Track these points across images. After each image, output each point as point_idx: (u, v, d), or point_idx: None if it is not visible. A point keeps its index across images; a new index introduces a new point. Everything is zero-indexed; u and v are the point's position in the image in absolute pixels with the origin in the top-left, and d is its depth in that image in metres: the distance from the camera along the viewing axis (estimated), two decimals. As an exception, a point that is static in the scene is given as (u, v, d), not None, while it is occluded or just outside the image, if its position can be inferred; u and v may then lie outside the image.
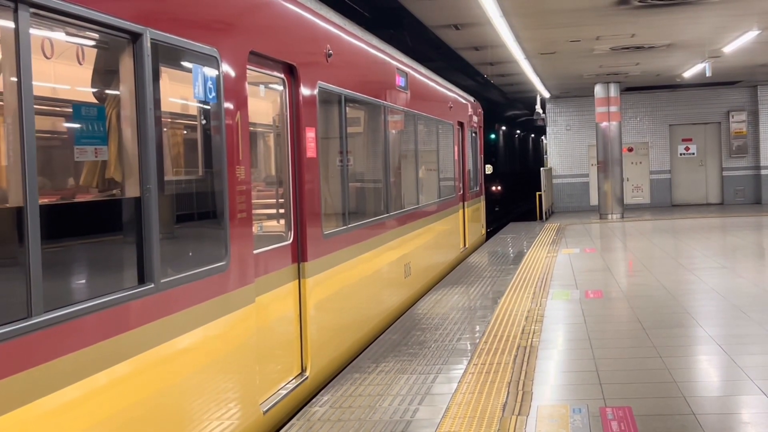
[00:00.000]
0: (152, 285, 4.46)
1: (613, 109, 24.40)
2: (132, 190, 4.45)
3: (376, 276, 9.35)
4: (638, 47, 17.74)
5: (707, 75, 19.91)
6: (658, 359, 7.38)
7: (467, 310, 10.16)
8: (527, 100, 32.86)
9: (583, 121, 28.67)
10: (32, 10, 3.59)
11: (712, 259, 14.36)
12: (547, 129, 29.69)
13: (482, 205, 19.80)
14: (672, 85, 26.84)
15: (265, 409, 5.89)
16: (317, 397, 6.56)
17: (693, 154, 28.66)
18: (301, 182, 6.91)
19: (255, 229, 5.99)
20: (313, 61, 7.33)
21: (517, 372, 7.03)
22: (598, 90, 24.47)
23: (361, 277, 8.64)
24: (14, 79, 3.51)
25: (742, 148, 28.21)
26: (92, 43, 4.31)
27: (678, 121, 28.55)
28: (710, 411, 5.94)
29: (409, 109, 11.56)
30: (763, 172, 27.97)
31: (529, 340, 8.25)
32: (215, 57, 5.27)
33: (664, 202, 28.67)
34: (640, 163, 28.74)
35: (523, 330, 8.76)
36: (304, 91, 6.98)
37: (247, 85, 5.81)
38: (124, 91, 4.42)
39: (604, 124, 24.43)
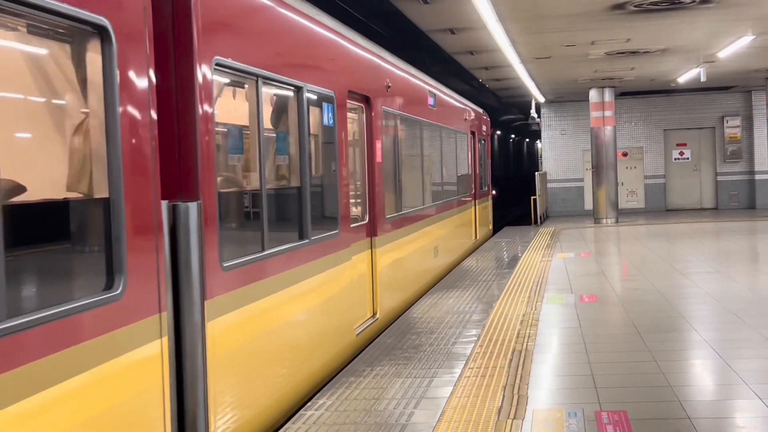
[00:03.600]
0: (307, 240, 7.04)
1: (608, 113, 24.44)
2: (294, 183, 7.10)
3: (417, 252, 12.10)
4: (633, 52, 17.78)
5: (702, 80, 19.99)
6: (653, 363, 7.39)
7: (462, 314, 10.16)
8: (522, 104, 32.91)
9: (577, 126, 28.72)
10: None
11: (706, 264, 14.38)
12: (542, 133, 29.73)
13: (490, 203, 22.41)
14: (667, 90, 26.90)
15: (357, 333, 8.54)
16: (312, 400, 6.55)
17: (687, 159, 28.72)
18: (372, 179, 9.56)
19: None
20: (379, 92, 9.95)
21: (513, 376, 7.03)
22: (593, 95, 24.51)
23: (408, 252, 11.39)
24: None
25: (736, 153, 28.27)
26: (276, 92, 6.80)
27: (672, 125, 28.61)
28: (705, 415, 5.94)
29: (436, 122, 14.22)
30: (757, 177, 28.03)
31: (525, 344, 8.25)
32: (333, 96, 7.93)
33: (659, 207, 28.71)
34: (635, 167, 28.79)
35: (518, 334, 8.77)
36: (374, 114, 9.64)
37: (346, 111, 8.45)
38: (292, 120, 7.00)
39: (599, 128, 24.47)
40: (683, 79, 22.94)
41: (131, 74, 4.31)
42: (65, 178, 4.24)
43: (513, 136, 60.74)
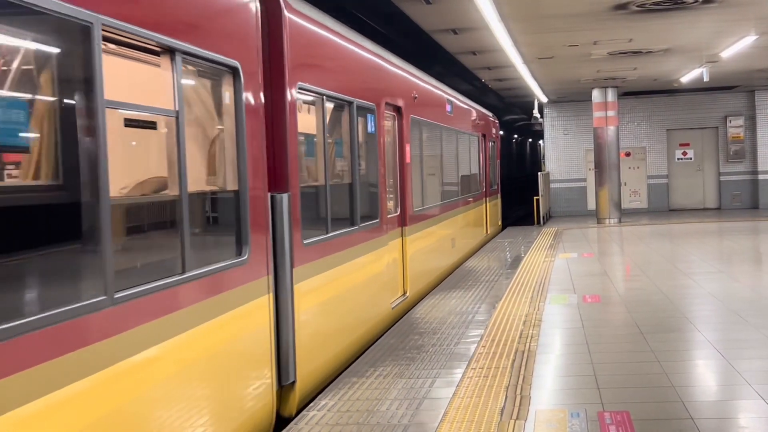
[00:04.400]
0: (357, 227, 8.67)
1: (611, 113, 24.42)
2: (347, 180, 8.64)
3: (438, 242, 13.66)
4: (636, 52, 17.76)
5: (705, 80, 19.97)
6: (656, 364, 7.38)
7: (465, 314, 10.16)
8: (525, 104, 32.88)
9: (580, 126, 28.70)
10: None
11: (709, 264, 14.37)
12: (545, 133, 29.72)
13: (499, 201, 23.87)
14: (669, 90, 26.87)
15: (392, 307, 10.08)
16: (315, 401, 6.56)
17: (690, 158, 28.69)
18: (403, 177, 11.19)
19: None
20: (408, 102, 11.64)
21: (515, 376, 7.03)
22: (596, 95, 24.50)
23: (430, 242, 12.97)
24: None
25: (739, 152, 28.24)
26: (335, 107, 8.26)
27: (675, 125, 28.59)
28: (708, 415, 5.94)
29: (452, 127, 15.82)
30: (761, 176, 28.00)
31: (527, 345, 8.25)
32: (374, 108, 9.61)
33: (662, 207, 28.69)
34: (638, 167, 28.77)
35: (521, 334, 8.76)
36: (404, 121, 11.35)
37: (388, 121, 10.54)
38: (345, 128, 8.61)
39: (602, 128, 24.45)
40: (686, 79, 22.92)
41: (251, 100, 6.00)
42: (209, 177, 5.71)
43: (516, 136, 60.73)
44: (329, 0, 13.41)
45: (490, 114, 22.71)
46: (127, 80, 4.72)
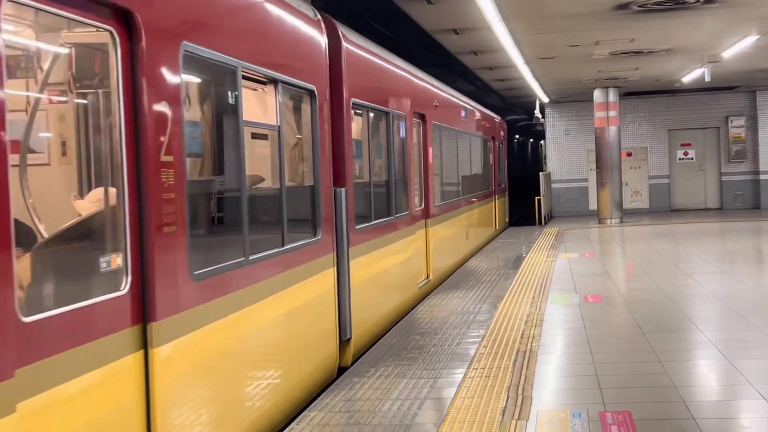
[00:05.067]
0: (392, 216, 10.29)
1: (612, 113, 24.41)
2: (384, 178, 10.40)
3: (455, 233, 15.41)
4: (637, 52, 17.76)
5: (706, 80, 19.95)
6: (657, 364, 7.38)
7: (467, 314, 10.16)
8: (526, 104, 32.86)
9: (582, 126, 28.69)
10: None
11: (711, 264, 14.36)
12: (546, 134, 29.71)
13: (506, 199, 25.52)
14: (671, 90, 26.86)
15: (419, 287, 11.76)
16: (316, 401, 6.56)
17: (692, 159, 28.68)
18: (426, 176, 12.80)
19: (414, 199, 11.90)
20: (431, 110, 13.40)
21: (517, 376, 7.03)
22: (597, 95, 24.49)
23: (449, 233, 14.72)
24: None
25: (740, 153, 28.23)
26: (376, 116, 10.01)
27: (677, 126, 28.58)
28: (710, 415, 5.93)
29: (466, 131, 17.64)
30: (762, 177, 27.98)
31: (529, 345, 8.24)
32: (404, 116, 11.29)
33: (663, 207, 28.68)
34: (639, 167, 28.76)
35: (522, 334, 8.76)
36: (428, 127, 13.05)
37: (415, 127, 12.22)
38: (383, 134, 10.29)
39: (603, 128, 24.44)
40: (687, 79, 22.91)
41: (322, 114, 7.72)
42: (292, 174, 7.38)
43: (517, 136, 60.70)
44: (331, 1, 13.42)
45: (498, 117, 24.38)
46: (251, 104, 6.33)
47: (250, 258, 5.79)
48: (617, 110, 24.52)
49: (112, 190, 4.33)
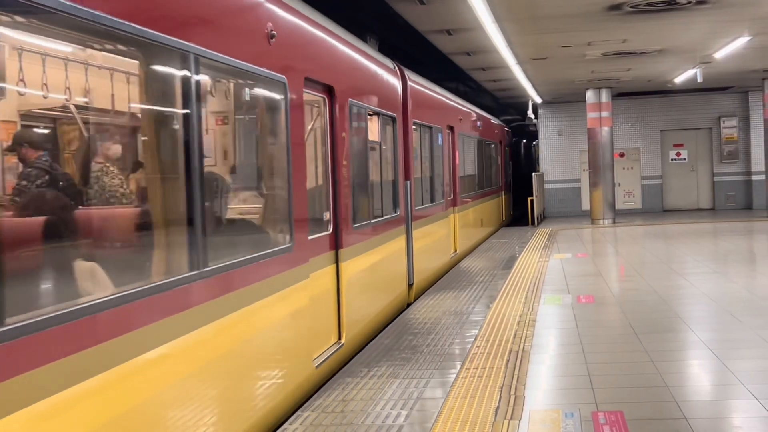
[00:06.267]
0: (434, 203, 14.21)
1: (605, 114, 24.44)
2: (427, 174, 14.12)
3: (474, 220, 19.50)
4: (630, 53, 17.79)
5: (698, 81, 20.00)
6: (649, 364, 7.39)
7: (459, 314, 10.16)
8: (519, 105, 32.89)
9: (574, 127, 28.71)
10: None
11: (703, 264, 14.39)
12: (539, 134, 29.73)
13: (511, 195, 30.03)
14: (663, 91, 26.90)
15: (450, 257, 15.42)
16: (309, 401, 6.55)
17: (684, 159, 28.73)
18: (454, 174, 16.46)
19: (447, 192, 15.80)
20: (457, 122, 17.13)
21: (510, 376, 7.03)
22: (590, 95, 24.51)
23: (469, 219, 18.60)
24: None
25: (733, 153, 28.29)
26: (427, 131, 14.12)
27: (669, 126, 28.63)
28: (702, 415, 5.95)
29: (482, 137, 21.64)
30: (754, 177, 28.04)
31: (522, 345, 8.25)
32: (441, 129, 14.90)
33: (656, 208, 28.73)
34: (632, 168, 28.80)
35: (515, 335, 8.77)
36: (455, 136, 16.75)
37: (447, 136, 15.81)
38: (430, 144, 14.31)
39: (596, 129, 24.48)
40: (680, 79, 22.96)
41: (399, 132, 11.42)
42: (385, 173, 10.96)
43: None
44: (326, 1, 13.38)
45: (504, 124, 29.45)
46: (371, 128, 10.13)
47: (372, 221, 9.69)
48: (610, 111, 24.55)
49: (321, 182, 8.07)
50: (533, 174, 26.47)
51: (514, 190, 31.65)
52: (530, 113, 28.52)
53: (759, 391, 6.40)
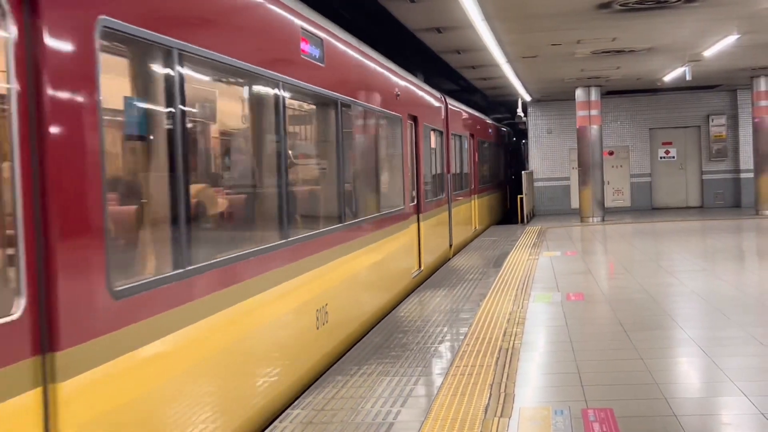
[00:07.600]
0: (463, 189, 19.92)
1: (594, 112, 24.49)
2: (457, 171, 19.10)
3: (487, 207, 24.30)
4: (619, 51, 17.83)
5: (687, 79, 20.04)
6: (639, 361, 7.41)
7: (449, 312, 10.17)
8: (509, 103, 32.93)
9: (564, 125, 28.77)
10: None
11: (692, 262, 14.44)
12: (529, 132, 29.78)
13: (507, 192, 32.82)
14: (652, 89, 26.98)
15: (473, 231, 21.63)
16: (299, 399, 6.55)
17: (673, 157, 28.82)
18: (474, 170, 21.67)
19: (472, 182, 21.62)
20: (476, 132, 22.17)
21: (499, 374, 7.04)
22: (579, 94, 24.56)
23: (484, 206, 23.56)
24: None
25: (721, 151, 28.39)
26: (458, 139, 19.58)
27: (658, 124, 28.71)
28: (691, 412, 5.97)
29: (492, 141, 26.31)
30: (743, 175, 28.15)
31: (511, 343, 8.26)
32: (468, 136, 20.66)
33: (645, 206, 28.81)
34: (621, 166, 28.88)
35: (505, 332, 8.78)
36: (476, 142, 22.10)
37: (469, 141, 21.38)
38: (459, 148, 19.47)
39: (585, 127, 24.52)
40: (669, 78, 23.02)
41: (444, 141, 16.89)
42: (438, 168, 16.16)
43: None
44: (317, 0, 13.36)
45: (506, 128, 33.58)
46: (429, 142, 14.80)
47: (434, 199, 14.84)
48: (599, 109, 24.61)
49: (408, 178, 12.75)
50: (523, 172, 26.51)
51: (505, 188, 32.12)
52: (520, 111, 28.53)
53: (748, 388, 6.42)
